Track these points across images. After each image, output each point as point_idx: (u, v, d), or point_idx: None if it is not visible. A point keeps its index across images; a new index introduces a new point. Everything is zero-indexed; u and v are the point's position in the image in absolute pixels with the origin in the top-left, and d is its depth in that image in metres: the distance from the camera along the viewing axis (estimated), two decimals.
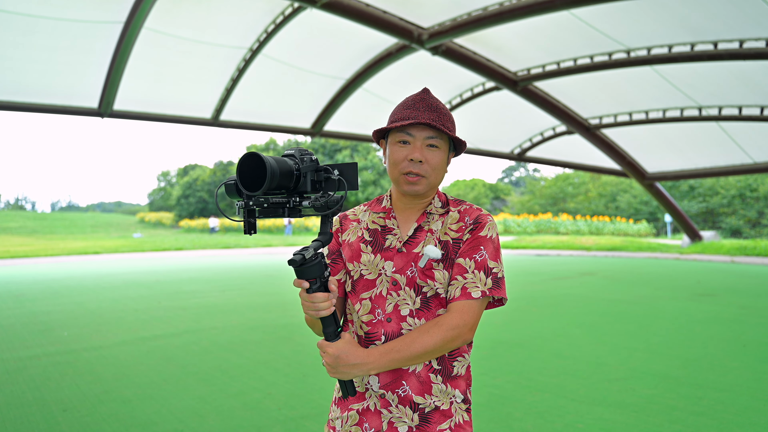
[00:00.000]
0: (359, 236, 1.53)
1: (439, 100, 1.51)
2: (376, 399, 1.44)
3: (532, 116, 14.12)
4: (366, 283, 1.49)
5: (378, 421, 1.43)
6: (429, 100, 1.47)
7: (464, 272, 1.44)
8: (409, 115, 1.45)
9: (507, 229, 35.16)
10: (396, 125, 1.44)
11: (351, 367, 1.36)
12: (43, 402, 4.12)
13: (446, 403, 1.44)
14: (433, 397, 1.43)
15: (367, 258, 1.49)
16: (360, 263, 1.50)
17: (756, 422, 3.52)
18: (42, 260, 20.39)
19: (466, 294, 1.41)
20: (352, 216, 1.60)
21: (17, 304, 9.04)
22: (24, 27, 8.69)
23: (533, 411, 3.79)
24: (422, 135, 1.44)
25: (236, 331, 6.63)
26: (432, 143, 1.45)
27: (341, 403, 1.51)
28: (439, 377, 1.44)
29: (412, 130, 1.44)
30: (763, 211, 30.77)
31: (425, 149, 1.45)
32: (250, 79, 11.45)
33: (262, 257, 20.85)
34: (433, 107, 1.46)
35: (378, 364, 1.37)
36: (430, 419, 1.42)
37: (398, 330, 1.43)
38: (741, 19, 8.35)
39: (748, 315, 7.24)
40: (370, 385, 1.45)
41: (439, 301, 1.45)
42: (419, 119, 1.42)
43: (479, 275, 1.44)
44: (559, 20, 9.11)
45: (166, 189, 66.85)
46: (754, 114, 11.27)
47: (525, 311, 7.79)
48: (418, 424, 1.42)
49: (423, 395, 1.42)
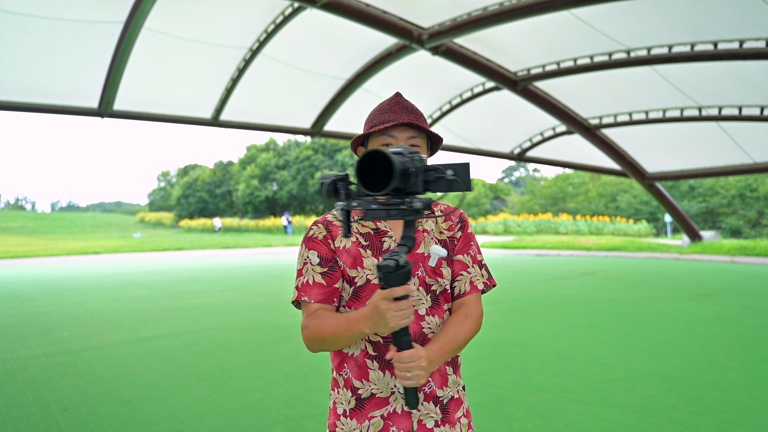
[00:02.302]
0: (354, 241, 1.50)
1: (412, 102, 1.55)
2: (402, 401, 1.44)
3: (532, 116, 14.11)
4: (373, 288, 1.47)
5: (408, 422, 1.44)
6: (404, 103, 1.52)
7: (466, 267, 1.55)
8: (388, 118, 1.48)
9: (507, 229, 35.15)
10: (378, 128, 1.46)
11: (428, 370, 1.33)
12: (43, 402, 4.12)
13: (456, 392, 1.53)
14: (448, 388, 1.50)
15: (370, 262, 1.48)
16: (364, 268, 1.48)
17: (756, 422, 3.51)
18: (42, 260, 20.39)
19: (474, 287, 1.54)
20: (337, 222, 1.53)
21: (17, 304, 9.04)
22: (23, 27, 8.69)
23: (533, 411, 3.79)
24: (404, 135, 1.48)
25: (236, 331, 6.63)
26: (414, 143, 1.48)
27: (357, 414, 1.46)
28: (451, 368, 1.52)
29: (394, 132, 1.47)
30: (763, 211, 30.76)
31: None
32: (250, 79, 11.44)
33: (262, 257, 20.86)
34: (409, 109, 1.51)
35: (437, 361, 1.40)
36: (449, 410, 1.49)
37: (419, 330, 1.46)
38: (741, 19, 8.35)
39: (748, 315, 7.24)
40: (396, 388, 1.45)
41: (445, 297, 1.53)
42: (399, 120, 1.46)
43: (476, 269, 1.56)
44: (559, 20, 9.10)
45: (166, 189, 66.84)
46: (754, 114, 11.26)
47: (525, 311, 7.79)
48: (442, 416, 1.47)
49: (442, 388, 1.49)
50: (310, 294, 1.48)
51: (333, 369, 1.55)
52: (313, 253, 1.50)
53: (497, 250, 23.16)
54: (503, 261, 17.40)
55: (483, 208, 48.90)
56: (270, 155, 52.05)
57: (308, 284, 1.48)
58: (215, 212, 55.90)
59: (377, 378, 1.45)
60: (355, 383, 1.47)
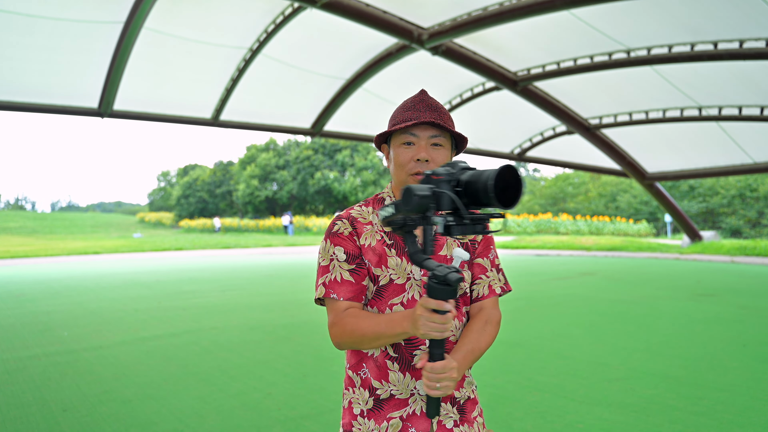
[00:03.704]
0: (380, 240, 1.47)
1: (437, 100, 1.53)
2: (421, 402, 1.45)
3: (532, 116, 14.11)
4: (396, 288, 1.46)
5: (426, 423, 1.44)
6: (428, 101, 1.49)
7: (485, 271, 1.57)
8: (411, 116, 1.46)
9: (507, 229, 35.11)
10: (399, 127, 1.45)
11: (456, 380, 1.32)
12: (43, 402, 4.12)
13: (471, 392, 1.55)
14: (464, 389, 1.52)
15: (395, 262, 1.46)
16: (389, 268, 1.46)
17: (756, 422, 3.51)
18: (42, 260, 20.38)
19: (492, 291, 1.56)
20: (361, 219, 1.51)
21: (17, 304, 9.04)
22: (24, 27, 8.69)
23: (533, 411, 3.79)
24: (426, 134, 1.45)
25: (236, 331, 6.63)
26: (436, 142, 1.46)
27: (374, 414, 1.44)
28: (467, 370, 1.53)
29: (416, 131, 1.45)
30: (763, 211, 30.76)
31: (430, 148, 1.46)
32: (250, 79, 11.44)
33: (262, 257, 20.86)
34: (433, 107, 1.48)
35: (463, 370, 1.40)
36: (466, 409, 1.51)
37: None
38: (741, 19, 8.35)
39: (748, 315, 7.24)
40: (416, 390, 1.45)
41: (464, 300, 1.54)
42: (422, 119, 1.43)
43: (494, 273, 1.58)
44: (559, 20, 9.10)
45: (166, 189, 66.88)
46: (754, 114, 11.26)
47: (525, 311, 7.79)
48: (459, 417, 1.49)
49: (459, 389, 1.50)
50: (339, 291, 1.44)
51: (349, 368, 1.52)
52: (339, 249, 1.46)
53: (497, 249, 23.14)
54: (503, 261, 17.37)
55: None
56: (270, 155, 52.06)
57: (336, 281, 1.45)
58: (215, 212, 55.91)
59: (397, 379, 1.44)
60: (374, 383, 1.45)
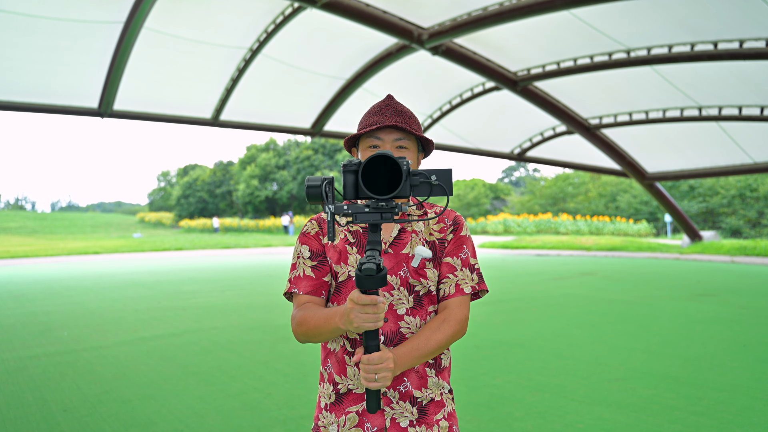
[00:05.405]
0: (342, 238, 1.55)
1: (403, 104, 1.58)
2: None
3: (532, 116, 14.12)
4: (354, 284, 1.49)
5: (381, 420, 1.46)
6: (394, 105, 1.56)
7: (454, 270, 1.54)
8: (376, 120, 1.52)
9: (507, 229, 35.15)
10: (365, 131, 1.50)
11: (393, 372, 1.35)
12: (43, 402, 4.12)
13: (438, 395, 1.52)
14: (428, 390, 1.50)
15: (354, 259, 1.52)
16: (348, 265, 1.52)
17: (756, 422, 3.52)
18: (42, 260, 20.39)
19: (459, 290, 1.53)
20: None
21: (17, 304, 9.04)
22: (24, 27, 8.69)
23: (533, 411, 3.79)
24: (390, 137, 1.51)
25: (236, 331, 6.63)
26: (401, 144, 1.52)
27: (335, 408, 1.50)
28: (432, 370, 1.52)
29: (381, 134, 1.51)
30: (763, 211, 30.76)
31: (395, 151, 1.51)
32: (250, 79, 11.44)
33: (262, 257, 20.86)
34: (398, 111, 1.54)
35: (403, 364, 1.40)
36: (428, 411, 1.50)
37: (396, 329, 1.48)
38: (741, 19, 8.35)
39: (748, 315, 7.24)
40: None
41: (430, 299, 1.53)
42: (386, 122, 1.49)
43: (466, 272, 1.55)
44: (559, 20, 9.10)
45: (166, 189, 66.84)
46: (754, 114, 11.27)
47: (525, 311, 7.79)
48: (418, 417, 1.48)
49: (420, 389, 1.49)
50: (299, 286, 1.54)
51: (321, 363, 1.59)
52: (305, 247, 1.56)
53: (497, 250, 23.16)
54: (503, 261, 17.40)
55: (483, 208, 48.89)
56: (270, 155, 52.05)
57: (299, 277, 1.55)
58: (215, 212, 55.90)
59: (353, 374, 1.48)
60: (336, 378, 1.51)
